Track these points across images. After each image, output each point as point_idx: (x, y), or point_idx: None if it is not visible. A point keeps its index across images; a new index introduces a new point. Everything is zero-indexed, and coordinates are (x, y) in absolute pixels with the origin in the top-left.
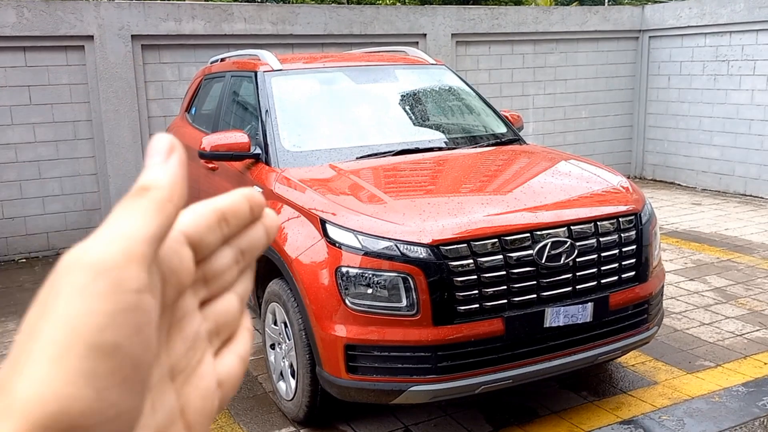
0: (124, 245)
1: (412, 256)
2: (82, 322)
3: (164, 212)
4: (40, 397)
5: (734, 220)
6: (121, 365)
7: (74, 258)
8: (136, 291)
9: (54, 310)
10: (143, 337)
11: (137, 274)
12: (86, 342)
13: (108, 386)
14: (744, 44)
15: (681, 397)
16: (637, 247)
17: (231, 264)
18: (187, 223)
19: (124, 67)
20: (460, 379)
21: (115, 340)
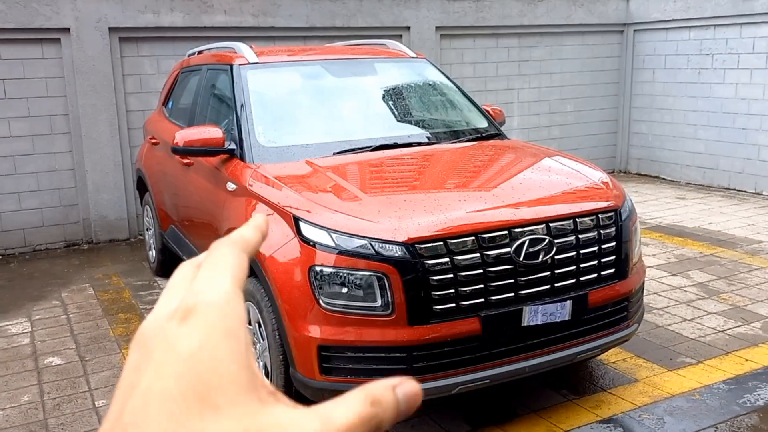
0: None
1: (387, 254)
2: None
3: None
4: None
5: (718, 214)
6: None
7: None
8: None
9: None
10: None
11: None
12: None
13: None
14: (728, 38)
15: (661, 395)
16: (617, 244)
17: None
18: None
19: (101, 60)
20: (436, 379)
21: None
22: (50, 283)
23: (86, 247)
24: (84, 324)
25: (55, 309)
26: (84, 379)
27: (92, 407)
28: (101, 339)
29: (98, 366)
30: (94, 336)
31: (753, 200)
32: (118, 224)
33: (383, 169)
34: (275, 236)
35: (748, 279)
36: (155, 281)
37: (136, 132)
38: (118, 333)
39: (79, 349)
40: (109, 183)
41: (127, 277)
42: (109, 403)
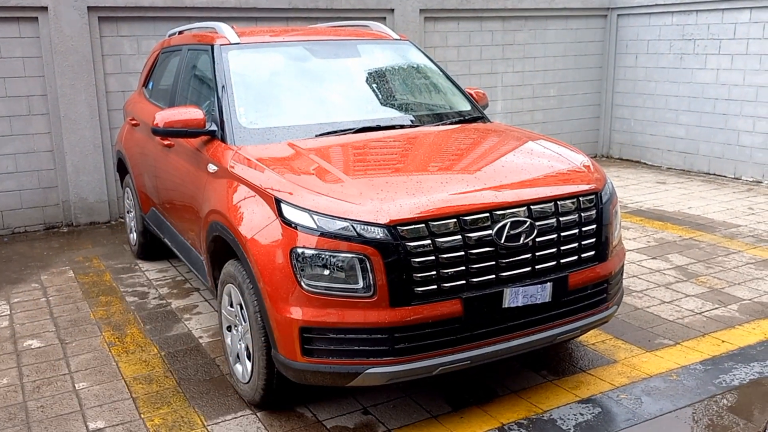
0: None
1: (369, 236)
2: None
3: None
4: None
5: (698, 198)
6: None
7: None
8: None
9: None
10: None
11: None
12: None
13: None
14: (710, 23)
15: (639, 376)
16: (597, 227)
17: None
18: None
19: (80, 39)
20: (417, 360)
21: None
22: (29, 266)
23: (66, 230)
24: (64, 307)
25: (35, 292)
26: (64, 361)
27: (72, 390)
28: (81, 322)
29: (78, 349)
30: (74, 319)
31: (732, 185)
32: (98, 207)
33: (366, 151)
34: (257, 218)
35: (726, 262)
36: (136, 264)
37: (116, 113)
38: (98, 316)
39: (59, 331)
40: (89, 165)
41: (108, 260)
42: (89, 385)
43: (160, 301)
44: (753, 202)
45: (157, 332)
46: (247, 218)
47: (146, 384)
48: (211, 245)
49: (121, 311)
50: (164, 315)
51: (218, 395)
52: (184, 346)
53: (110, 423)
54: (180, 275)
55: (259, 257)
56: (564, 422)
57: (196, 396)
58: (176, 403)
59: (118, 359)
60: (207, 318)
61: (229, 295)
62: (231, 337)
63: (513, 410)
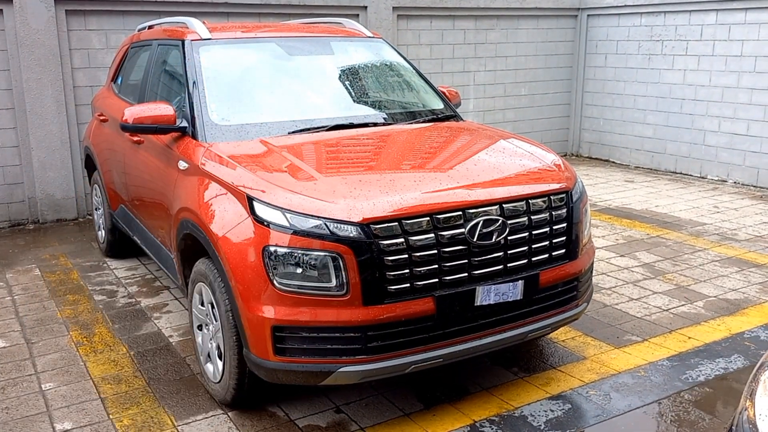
0: None
1: (342, 235)
2: None
3: None
4: None
5: (665, 197)
6: None
7: None
8: None
9: None
10: None
11: None
12: None
13: None
14: (677, 24)
15: (608, 372)
16: (568, 225)
17: None
18: None
19: (46, 33)
20: (390, 359)
21: None
22: None
23: (32, 227)
24: (30, 306)
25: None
26: (30, 362)
27: (39, 390)
28: (48, 321)
29: (45, 348)
30: (41, 318)
31: (698, 183)
32: (65, 203)
33: (339, 149)
34: (228, 216)
35: (692, 260)
36: (104, 262)
37: (84, 108)
38: (65, 315)
39: (24, 331)
40: (56, 161)
41: (76, 258)
42: (56, 385)
43: (129, 300)
44: (718, 200)
45: (126, 331)
46: (219, 216)
47: (115, 384)
48: (182, 243)
49: (89, 310)
50: (133, 314)
51: (189, 395)
52: (153, 345)
53: (78, 424)
54: (149, 273)
55: (231, 255)
56: (535, 419)
57: (166, 396)
58: (146, 404)
59: (86, 359)
60: (177, 317)
61: (200, 293)
62: (202, 336)
63: (484, 407)
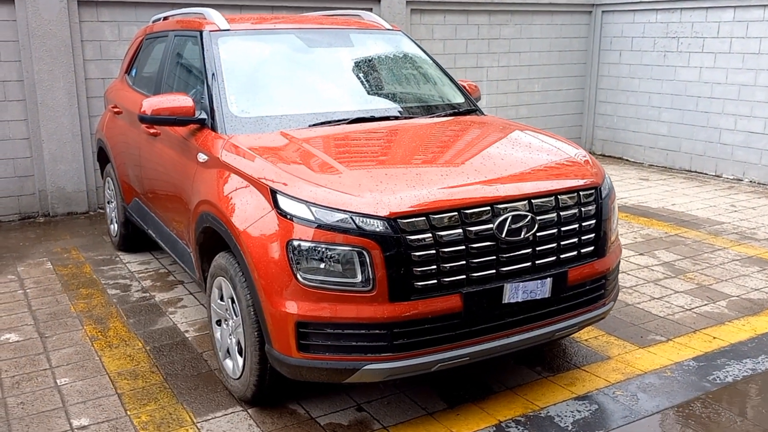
0: None
1: (368, 229)
2: None
3: None
4: None
5: (680, 195)
6: None
7: None
8: None
9: None
10: None
11: None
12: None
13: None
14: (694, 21)
15: (634, 372)
16: (597, 222)
17: None
18: None
19: (58, 24)
20: (415, 357)
21: None
22: (4, 257)
23: (42, 220)
24: (42, 299)
25: (11, 284)
26: (44, 356)
27: (54, 385)
28: (61, 315)
29: (59, 343)
30: (54, 312)
31: (713, 182)
32: (76, 196)
33: (361, 142)
34: (250, 209)
35: (712, 259)
36: (117, 256)
37: (96, 101)
38: (79, 309)
39: (38, 325)
40: (67, 153)
41: (88, 252)
42: (72, 380)
43: (144, 294)
44: (735, 199)
45: (141, 326)
46: (241, 209)
47: (131, 379)
48: (201, 237)
49: (103, 304)
50: (148, 308)
51: (207, 391)
52: (169, 340)
53: (95, 420)
54: (163, 267)
55: (254, 250)
56: (561, 419)
57: (184, 392)
58: (164, 400)
59: (101, 354)
60: (192, 311)
61: (219, 288)
62: (221, 332)
63: (509, 407)
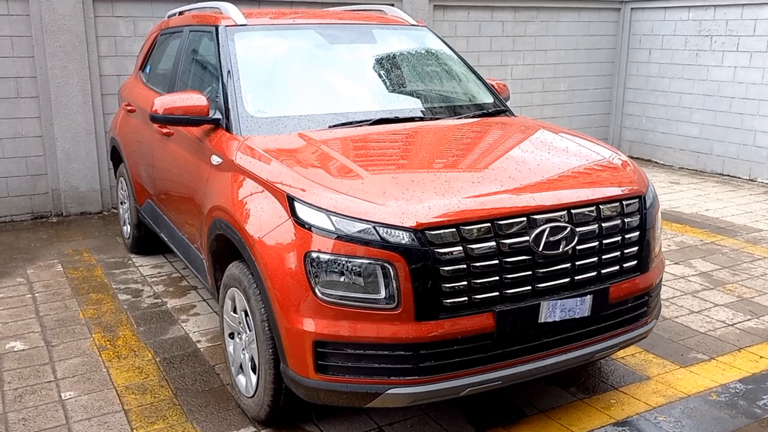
0: None
1: (393, 241)
2: None
3: None
4: None
5: (714, 200)
6: None
7: None
8: None
9: None
10: None
11: None
12: None
13: None
14: (728, 19)
15: (676, 395)
16: (641, 234)
17: None
18: None
19: (72, 19)
20: (443, 380)
21: None
22: (15, 258)
23: (55, 220)
24: (51, 305)
25: (20, 287)
26: (50, 366)
27: (58, 399)
28: (69, 322)
29: (65, 352)
30: (62, 318)
31: (748, 187)
32: (89, 196)
33: (386, 145)
34: (266, 217)
35: (752, 269)
36: (129, 258)
37: (110, 98)
38: (88, 315)
39: (44, 332)
40: (81, 152)
41: (99, 254)
42: (77, 394)
43: (155, 300)
44: None
45: (151, 335)
46: (256, 217)
47: (139, 394)
48: (213, 244)
49: (113, 311)
50: (159, 315)
51: (218, 408)
52: (180, 351)
53: None
54: (176, 271)
55: (269, 261)
56: None
57: (194, 409)
58: (172, 417)
59: (109, 365)
60: (205, 320)
61: (232, 299)
62: (233, 346)
63: None
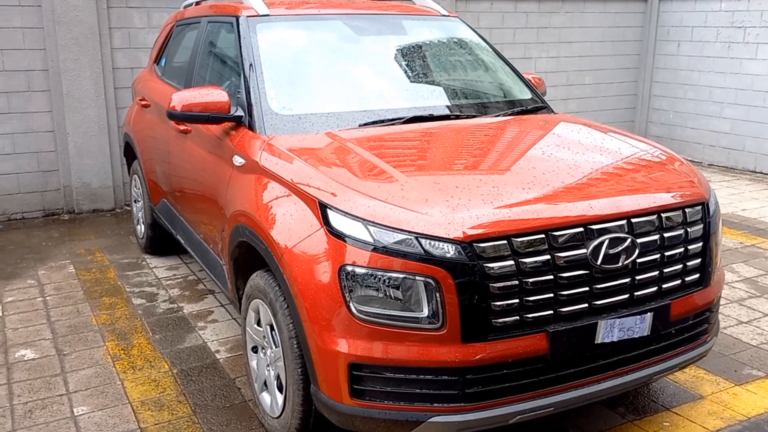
0: None
1: (438, 254)
2: None
3: None
4: None
5: (749, 199)
6: None
7: None
8: None
9: None
10: None
11: None
12: None
13: None
14: (763, 9)
15: (735, 417)
16: (704, 245)
17: None
18: None
19: (85, 10)
20: (492, 407)
21: None
22: (25, 258)
23: (67, 218)
24: (63, 309)
25: (31, 290)
26: (61, 378)
27: (70, 416)
28: (82, 328)
29: (78, 362)
30: (74, 324)
31: None
32: (102, 193)
33: (422, 146)
34: (296, 226)
35: None
36: (143, 259)
37: (124, 92)
38: (101, 321)
39: (56, 340)
40: (93, 147)
41: (112, 254)
42: (90, 410)
43: (171, 305)
44: None
45: (167, 343)
46: (284, 225)
47: (156, 411)
48: (236, 251)
49: (127, 316)
50: (175, 322)
51: (240, 427)
52: (198, 362)
53: None
54: (192, 274)
55: (299, 274)
56: None
57: (214, 428)
58: None
59: (124, 377)
60: (224, 327)
61: (256, 311)
62: (257, 361)
63: None
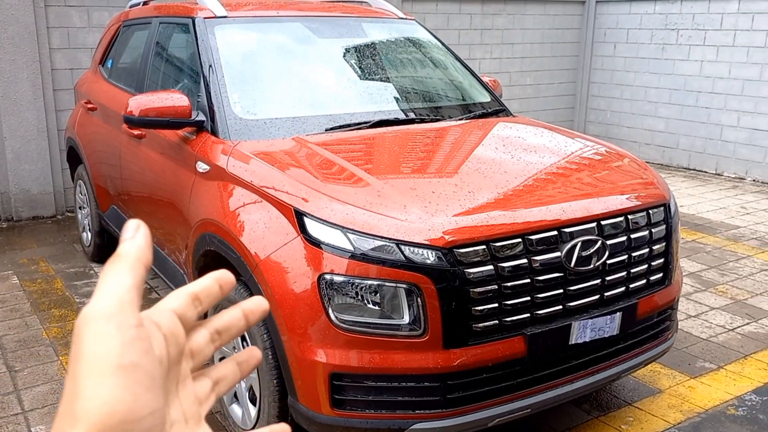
0: (115, 298)
1: (419, 260)
2: (107, 353)
3: (136, 269)
4: (95, 407)
5: (685, 196)
6: (143, 376)
7: (86, 314)
8: (135, 325)
9: (85, 351)
10: (151, 357)
11: (131, 314)
12: (114, 365)
13: (138, 391)
14: (695, 13)
15: (693, 409)
16: (667, 244)
17: (207, 342)
18: (171, 303)
19: (20, 8)
20: (471, 412)
21: (132, 359)
22: None
23: (5, 225)
24: (10, 323)
25: None
26: (15, 396)
27: None
28: (33, 342)
29: (31, 378)
30: (24, 338)
31: (716, 181)
32: (42, 199)
33: (393, 150)
34: (269, 232)
35: (739, 269)
36: (91, 268)
37: (63, 93)
38: (52, 335)
39: (5, 356)
40: (32, 152)
41: (58, 263)
42: (49, 428)
43: None
44: (743, 200)
45: None
46: (257, 234)
47: None
48: (201, 260)
49: None
50: None
51: None
52: None
53: None
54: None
55: (276, 283)
56: None
57: None
58: None
59: None
60: None
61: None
62: None
63: None
